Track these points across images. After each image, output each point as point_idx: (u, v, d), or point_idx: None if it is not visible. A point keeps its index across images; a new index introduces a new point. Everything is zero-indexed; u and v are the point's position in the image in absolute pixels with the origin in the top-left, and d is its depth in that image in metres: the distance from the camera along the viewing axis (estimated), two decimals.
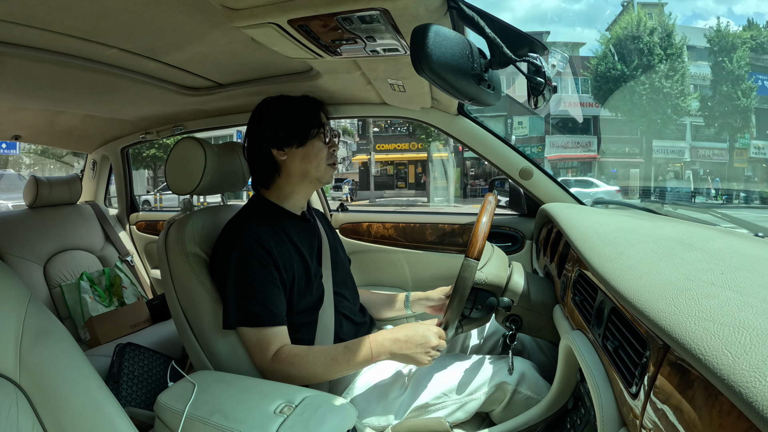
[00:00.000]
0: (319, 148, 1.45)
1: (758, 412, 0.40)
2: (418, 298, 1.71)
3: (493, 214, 1.39)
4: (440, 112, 2.08)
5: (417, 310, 1.73)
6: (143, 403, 1.83)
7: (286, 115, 1.45)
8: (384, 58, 1.26)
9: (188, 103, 2.05)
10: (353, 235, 2.57)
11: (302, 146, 1.43)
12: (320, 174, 1.47)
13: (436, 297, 1.66)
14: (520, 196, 2.25)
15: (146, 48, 1.37)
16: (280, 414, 1.04)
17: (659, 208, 1.85)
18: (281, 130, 1.43)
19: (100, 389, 0.91)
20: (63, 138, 2.99)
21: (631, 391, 0.73)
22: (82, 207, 2.99)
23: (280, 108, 1.47)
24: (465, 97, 0.93)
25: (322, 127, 1.46)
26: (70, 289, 2.53)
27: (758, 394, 0.41)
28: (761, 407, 0.40)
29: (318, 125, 1.45)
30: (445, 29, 0.82)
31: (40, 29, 1.18)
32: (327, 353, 1.30)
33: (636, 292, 0.70)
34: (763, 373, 0.42)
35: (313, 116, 1.46)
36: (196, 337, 1.40)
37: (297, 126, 1.43)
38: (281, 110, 1.46)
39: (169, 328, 2.43)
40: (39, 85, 1.72)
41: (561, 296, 1.36)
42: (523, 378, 1.37)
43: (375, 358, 1.27)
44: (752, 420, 0.42)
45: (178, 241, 1.41)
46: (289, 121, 1.43)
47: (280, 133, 1.43)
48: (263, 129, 1.45)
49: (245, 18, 1.00)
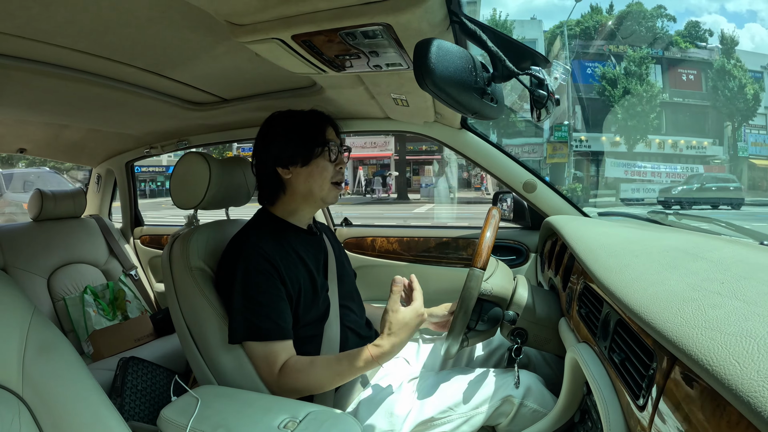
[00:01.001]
0: (324, 167, 1.43)
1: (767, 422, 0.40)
2: None
3: (497, 227, 1.39)
4: (443, 126, 2.08)
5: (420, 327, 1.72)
6: (146, 418, 1.82)
7: (291, 133, 1.43)
8: (387, 72, 1.26)
9: (193, 118, 2.06)
10: (357, 249, 2.57)
11: (306, 165, 1.42)
12: (324, 194, 1.45)
13: (440, 314, 1.66)
14: (524, 209, 2.25)
15: (151, 63, 1.39)
16: (284, 429, 1.04)
17: (663, 218, 1.85)
18: (285, 149, 1.41)
19: (103, 403, 0.91)
20: (68, 152, 3.02)
21: (638, 404, 0.73)
22: (86, 221, 3.00)
23: (285, 125, 1.45)
24: (468, 111, 0.94)
25: (326, 144, 1.43)
26: (74, 302, 2.53)
27: (767, 404, 0.41)
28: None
29: (322, 143, 1.43)
30: (448, 43, 0.83)
31: (45, 43, 1.19)
32: (330, 362, 1.29)
33: (642, 304, 0.70)
34: None
35: (317, 134, 1.44)
36: (200, 351, 1.40)
37: (301, 144, 1.41)
38: (286, 127, 1.45)
39: (172, 343, 2.42)
40: (44, 99, 1.73)
41: (566, 309, 1.36)
42: (530, 391, 1.36)
43: (377, 359, 1.24)
44: (762, 430, 0.42)
45: (183, 256, 1.41)
46: (293, 139, 1.42)
47: (285, 152, 1.41)
48: (269, 146, 1.44)
49: (249, 33, 1.01)
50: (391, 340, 1.24)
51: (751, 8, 42.02)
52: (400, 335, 1.25)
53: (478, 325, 1.43)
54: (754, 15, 42.77)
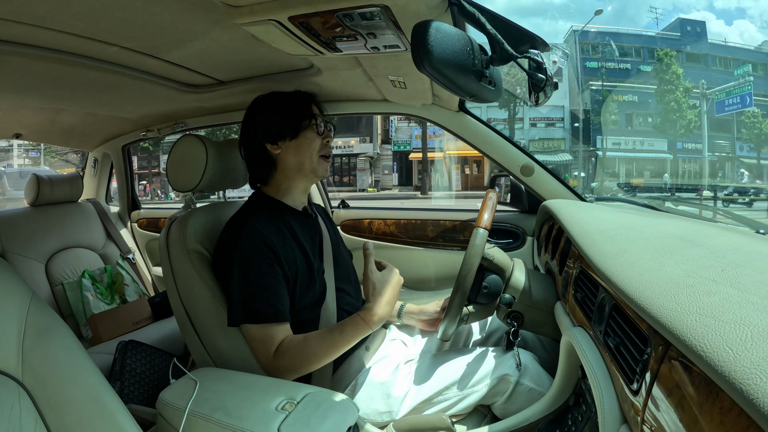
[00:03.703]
0: (312, 138, 1.45)
1: (759, 410, 0.40)
2: (411, 311, 1.71)
3: (495, 208, 1.40)
4: (441, 109, 2.07)
5: (407, 322, 1.73)
6: (145, 401, 1.83)
7: (277, 110, 1.46)
8: (385, 54, 1.25)
9: (189, 101, 2.05)
10: (354, 231, 2.57)
11: (295, 138, 1.44)
12: (314, 166, 1.47)
13: (431, 310, 1.67)
14: (522, 193, 2.25)
15: (147, 46, 1.37)
16: (282, 411, 1.04)
17: (660, 204, 1.85)
18: (273, 124, 1.44)
19: (102, 386, 0.91)
20: (64, 136, 2.99)
21: (632, 388, 0.73)
22: (83, 205, 3.00)
23: (271, 103, 1.48)
24: (466, 94, 0.93)
25: (313, 118, 1.46)
26: (72, 287, 2.53)
27: (759, 392, 0.41)
28: (762, 405, 0.40)
29: (309, 116, 1.46)
30: (446, 26, 0.82)
31: (40, 27, 1.18)
32: (323, 334, 1.30)
33: (637, 289, 0.70)
34: (764, 371, 0.42)
35: (304, 108, 1.46)
36: (198, 334, 1.40)
37: (288, 118, 1.44)
38: (272, 105, 1.47)
39: (170, 326, 2.43)
40: (40, 84, 1.71)
41: (562, 293, 1.36)
42: (526, 370, 1.38)
43: (368, 322, 1.25)
44: (753, 417, 0.42)
45: (180, 239, 1.41)
46: (281, 114, 1.45)
47: (272, 127, 1.44)
48: (256, 125, 1.46)
49: (246, 15, 1.00)
50: (378, 299, 1.27)
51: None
52: (385, 294, 1.28)
53: (479, 297, 1.44)
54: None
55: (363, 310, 1.27)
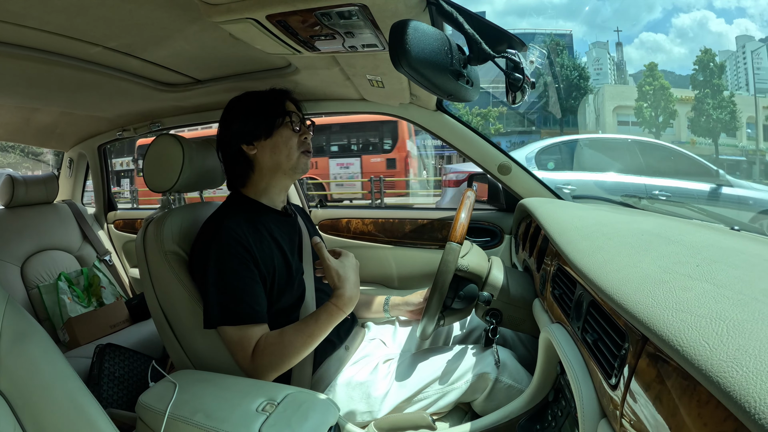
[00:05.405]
0: (288, 136, 1.44)
1: (736, 402, 0.41)
2: (397, 303, 1.72)
3: (472, 208, 1.40)
4: (419, 108, 2.07)
5: (395, 314, 1.75)
6: (125, 404, 1.81)
7: (251, 109, 1.44)
8: (362, 53, 1.25)
9: (166, 100, 2.02)
10: (332, 231, 2.56)
11: (270, 137, 1.43)
12: (293, 163, 1.45)
13: (415, 301, 1.68)
14: (499, 192, 2.26)
15: (123, 44, 1.35)
16: (263, 412, 1.04)
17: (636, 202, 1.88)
18: (247, 124, 1.43)
19: (80, 391, 0.90)
20: (39, 136, 2.93)
21: (610, 383, 0.74)
22: (59, 206, 2.93)
23: (245, 103, 1.47)
24: (443, 93, 0.93)
25: (288, 115, 1.44)
26: (48, 290, 2.48)
27: (735, 384, 0.42)
28: (738, 397, 0.41)
29: (283, 114, 1.44)
30: (424, 25, 0.82)
31: (14, 24, 1.16)
32: (298, 326, 1.29)
33: (614, 285, 0.71)
34: (739, 363, 0.43)
35: (277, 106, 1.45)
36: (176, 336, 1.39)
37: (262, 117, 1.43)
38: (246, 105, 1.46)
39: (149, 328, 2.40)
40: (14, 82, 1.68)
41: (540, 290, 1.37)
42: (504, 367, 1.39)
43: (340, 307, 1.28)
44: (730, 409, 0.43)
45: (157, 240, 1.39)
46: (254, 114, 1.43)
47: (246, 127, 1.43)
48: (231, 126, 1.45)
49: (223, 13, 0.99)
50: (345, 283, 1.29)
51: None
52: (349, 276, 1.30)
53: (454, 303, 1.44)
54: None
55: (334, 296, 1.28)
